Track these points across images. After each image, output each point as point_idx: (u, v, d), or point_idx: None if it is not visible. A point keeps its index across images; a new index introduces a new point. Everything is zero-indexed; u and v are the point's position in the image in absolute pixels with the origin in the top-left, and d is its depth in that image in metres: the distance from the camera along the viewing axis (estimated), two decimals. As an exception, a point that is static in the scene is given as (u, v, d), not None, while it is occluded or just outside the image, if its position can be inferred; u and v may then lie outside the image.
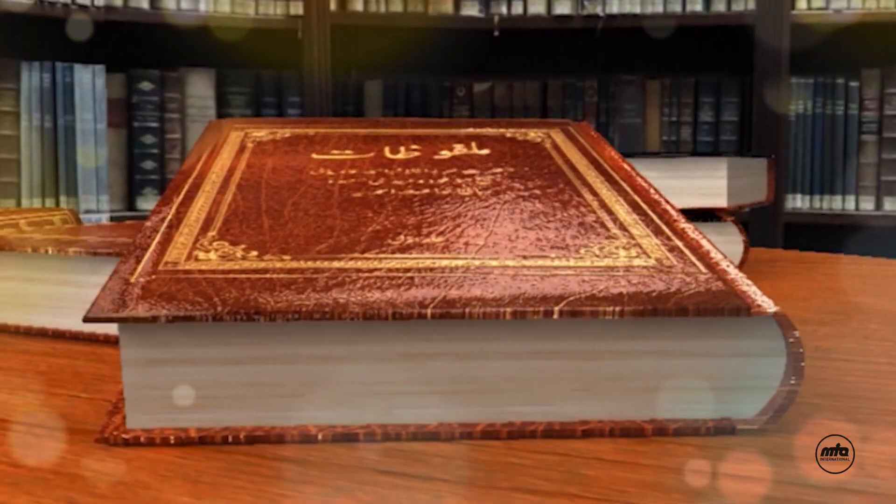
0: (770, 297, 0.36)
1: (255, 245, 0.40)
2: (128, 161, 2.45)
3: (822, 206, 2.56)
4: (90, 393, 0.42)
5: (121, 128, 2.39)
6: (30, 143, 2.28)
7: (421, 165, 0.51)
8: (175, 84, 2.37)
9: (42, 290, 0.55)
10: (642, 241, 0.41)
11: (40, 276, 0.55)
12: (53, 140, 2.31)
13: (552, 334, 0.36)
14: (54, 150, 2.33)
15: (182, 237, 0.41)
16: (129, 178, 2.46)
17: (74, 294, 0.54)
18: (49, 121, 2.29)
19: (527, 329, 0.35)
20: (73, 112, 2.30)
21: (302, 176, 0.49)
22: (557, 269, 0.38)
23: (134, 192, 3.09)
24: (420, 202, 0.45)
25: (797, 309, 0.65)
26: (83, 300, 0.53)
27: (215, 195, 0.46)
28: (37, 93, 2.26)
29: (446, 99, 2.48)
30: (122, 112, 2.38)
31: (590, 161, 0.52)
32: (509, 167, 0.51)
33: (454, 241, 0.40)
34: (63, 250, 0.53)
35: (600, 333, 0.36)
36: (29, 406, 0.40)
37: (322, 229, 0.42)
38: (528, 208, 0.45)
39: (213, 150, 0.53)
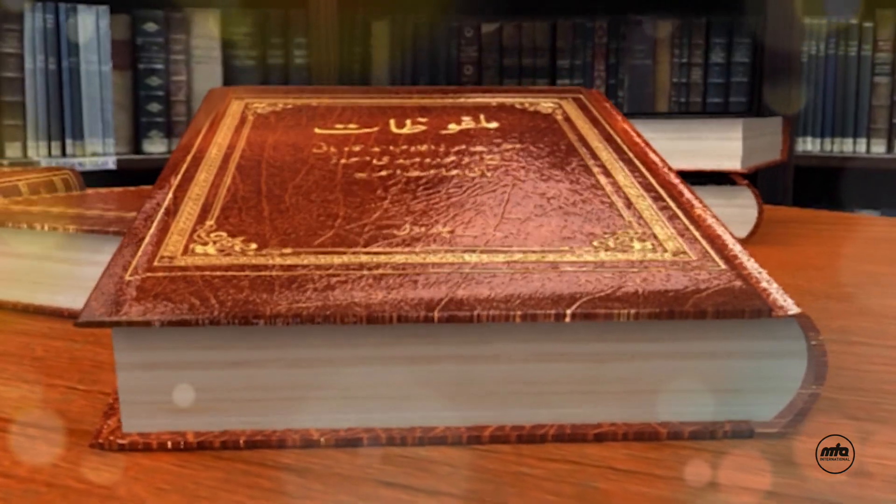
0: (784, 264, 0.35)
1: (255, 236, 0.38)
2: (133, 104, 2.42)
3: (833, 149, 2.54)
4: (87, 384, 0.41)
5: (126, 70, 2.36)
6: (34, 86, 2.26)
7: (427, 141, 0.49)
8: (180, 25, 2.34)
9: (39, 267, 0.54)
10: (657, 230, 0.39)
11: (37, 253, 0.54)
12: (58, 82, 2.29)
13: (564, 336, 0.34)
14: (59, 93, 2.31)
15: (179, 225, 0.39)
16: (135, 121, 2.44)
17: (72, 272, 0.53)
18: (53, 63, 2.27)
19: (537, 331, 0.34)
20: (78, 54, 2.27)
21: (304, 154, 0.47)
22: (569, 263, 0.36)
23: (140, 134, 3.07)
24: (426, 185, 0.44)
25: (811, 280, 0.64)
26: (81, 278, 0.52)
27: (213, 177, 0.44)
28: (40, 34, 2.23)
29: (454, 39, 2.44)
30: (127, 54, 2.35)
31: (602, 135, 0.50)
32: (519, 143, 0.49)
33: (461, 231, 0.39)
34: (61, 227, 0.52)
35: (614, 335, 0.34)
36: (24, 401, 0.39)
37: (324, 217, 0.40)
38: (539, 191, 0.43)
39: (213, 124, 0.51)
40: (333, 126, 0.52)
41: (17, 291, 0.54)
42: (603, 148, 0.49)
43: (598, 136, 0.50)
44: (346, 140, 0.50)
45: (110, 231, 0.50)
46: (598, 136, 0.50)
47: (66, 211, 0.56)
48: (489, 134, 0.51)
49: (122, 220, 0.53)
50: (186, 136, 0.50)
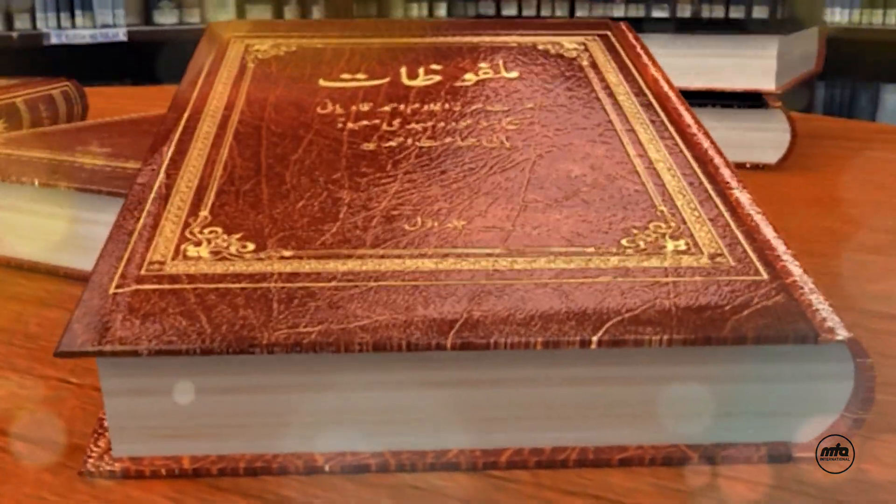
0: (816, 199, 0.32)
1: (252, 233, 0.35)
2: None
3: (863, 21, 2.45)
4: (80, 375, 0.39)
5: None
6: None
7: (441, 98, 0.46)
8: None
9: (32, 222, 0.51)
10: (692, 222, 0.36)
11: (28, 207, 0.51)
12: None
13: (588, 359, 0.31)
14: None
15: (171, 215, 0.36)
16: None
17: (67, 229, 0.50)
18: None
19: (560, 354, 0.31)
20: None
21: (308, 116, 0.44)
22: (596, 271, 0.33)
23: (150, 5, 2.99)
24: (439, 159, 0.40)
25: (847, 221, 0.60)
26: (76, 237, 0.49)
27: (209, 149, 0.41)
28: None
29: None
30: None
31: (631, 88, 0.46)
32: (541, 99, 0.45)
33: (477, 225, 0.36)
34: (52, 183, 0.49)
35: (643, 357, 0.31)
36: (11, 399, 0.37)
37: (328, 204, 0.37)
38: (562, 168, 0.40)
39: (211, 72, 0.47)
40: (340, 77, 0.48)
41: (13, 246, 0.52)
42: (632, 105, 0.45)
43: (627, 90, 0.46)
44: (354, 96, 0.46)
45: (105, 191, 0.47)
46: (628, 89, 0.46)
47: (59, 158, 0.53)
48: (508, 88, 0.47)
49: (119, 174, 0.49)
50: (183, 85, 0.46)
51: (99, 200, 0.48)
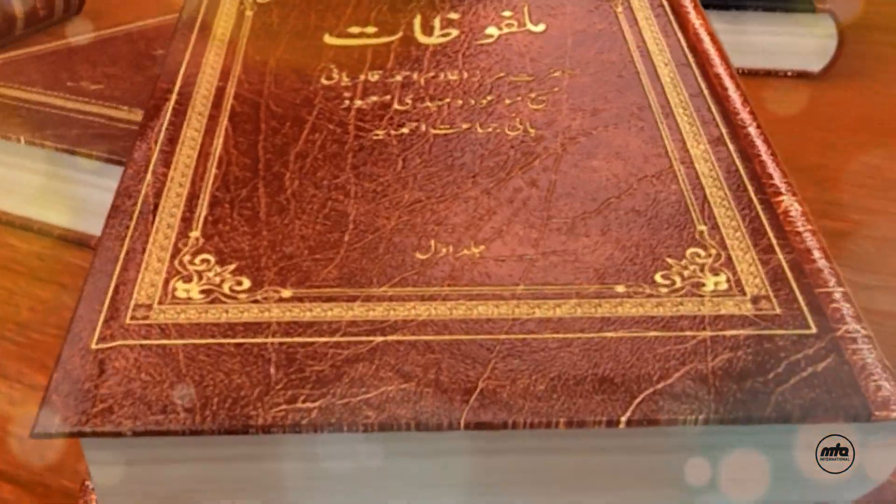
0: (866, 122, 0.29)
1: (248, 263, 0.32)
2: None
3: None
4: (72, 386, 0.36)
5: None
6: None
7: (459, 63, 0.41)
8: None
9: (20, 177, 0.47)
10: (734, 247, 0.33)
11: (15, 161, 0.47)
12: None
13: (616, 432, 0.29)
14: None
15: (160, 236, 0.33)
16: None
17: (58, 188, 0.46)
18: None
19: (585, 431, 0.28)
20: None
21: (311, 90, 0.40)
22: (626, 322, 0.30)
23: None
24: (455, 154, 0.36)
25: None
26: (68, 196, 0.46)
27: (202, 137, 0.37)
28: None
29: None
30: None
31: (670, 49, 0.42)
32: (569, 63, 0.41)
33: (496, 253, 0.32)
34: (38, 142, 0.45)
35: (675, 431, 0.29)
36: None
37: (331, 221, 0.33)
38: (591, 171, 0.36)
39: (205, 24, 0.43)
40: (347, 32, 0.43)
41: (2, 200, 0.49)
42: (670, 73, 0.40)
43: (665, 51, 0.42)
44: (362, 59, 0.42)
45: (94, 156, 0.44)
46: (665, 49, 0.42)
47: (48, 102, 0.49)
48: (533, 48, 0.42)
49: (109, 131, 0.46)
50: (175, 41, 0.42)
51: (88, 163, 0.44)
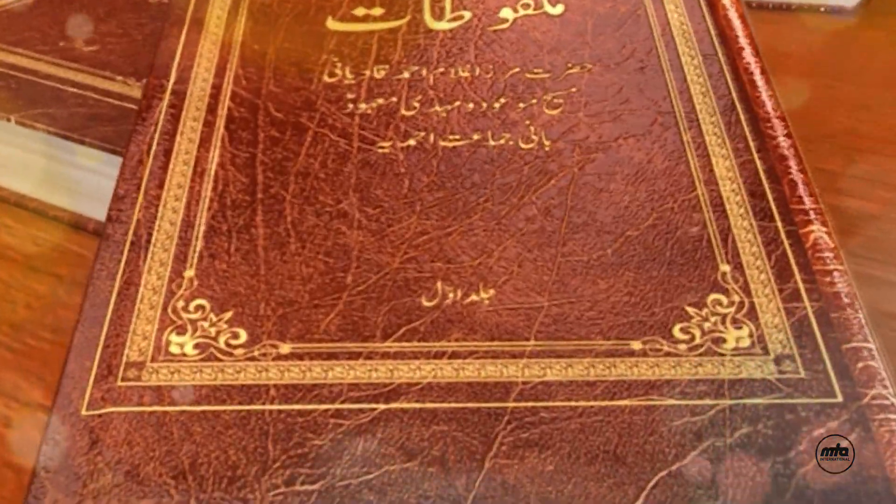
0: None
1: (245, 310, 0.30)
2: None
3: None
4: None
5: None
6: None
7: (471, 55, 0.39)
8: None
9: (11, 154, 0.46)
10: (758, 291, 0.31)
11: (9, 139, 0.45)
12: None
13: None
14: None
15: (153, 275, 0.31)
16: None
17: (54, 168, 0.45)
18: None
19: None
20: None
21: (312, 89, 0.37)
22: (641, 386, 0.28)
23: None
24: (465, 174, 0.34)
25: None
26: (62, 177, 0.44)
27: (198, 149, 0.35)
28: None
29: None
30: None
31: (698, 42, 0.39)
32: (588, 55, 0.38)
33: (506, 299, 0.31)
34: (29, 123, 0.43)
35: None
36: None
37: (333, 257, 0.32)
38: (609, 195, 0.34)
39: (199, 7, 0.40)
40: (352, 14, 0.41)
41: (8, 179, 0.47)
42: (696, 69, 0.38)
43: (694, 44, 0.39)
44: (367, 49, 0.39)
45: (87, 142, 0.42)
46: (694, 42, 0.39)
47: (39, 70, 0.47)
48: (551, 36, 0.39)
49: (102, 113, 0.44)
50: (169, 27, 0.40)
51: (82, 147, 0.42)
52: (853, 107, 0.55)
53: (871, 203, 0.48)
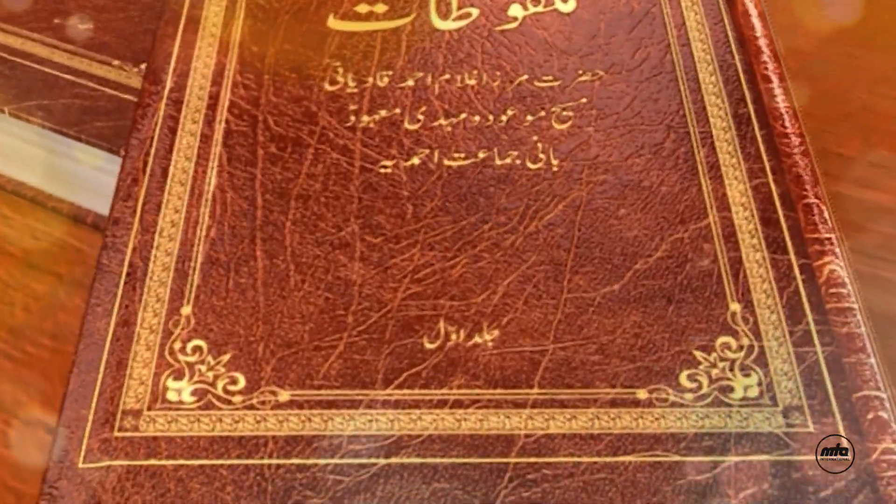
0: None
1: (243, 353, 0.30)
2: None
3: None
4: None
5: None
6: None
7: (478, 60, 0.37)
8: None
9: (9, 142, 0.45)
10: (769, 334, 0.30)
11: (4, 127, 0.44)
12: None
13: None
14: None
15: (149, 312, 0.30)
16: None
17: (50, 160, 0.44)
18: None
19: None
20: None
21: (313, 99, 0.36)
22: (645, 440, 0.28)
23: None
24: (469, 197, 0.33)
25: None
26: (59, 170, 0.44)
27: (194, 169, 0.34)
28: None
29: None
30: None
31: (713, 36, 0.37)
32: (600, 62, 0.37)
33: (510, 341, 0.30)
34: (23, 115, 0.42)
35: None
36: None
37: (335, 291, 0.31)
38: (617, 223, 0.33)
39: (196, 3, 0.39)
40: (354, 11, 0.39)
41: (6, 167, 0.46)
42: (712, 78, 0.36)
43: (710, 47, 0.37)
44: (370, 52, 0.37)
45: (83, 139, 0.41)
46: (710, 45, 0.37)
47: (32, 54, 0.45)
48: (561, 37, 0.38)
49: (98, 106, 0.42)
50: (162, 26, 0.38)
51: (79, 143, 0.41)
52: (874, 79, 0.53)
53: (888, 195, 0.47)
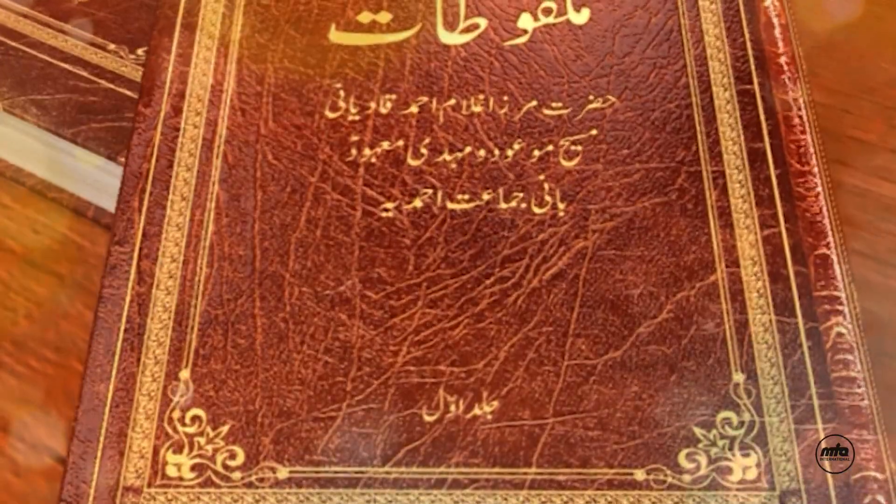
0: None
1: (242, 424, 0.30)
2: None
3: None
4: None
5: None
6: None
7: (485, 82, 0.36)
8: None
9: (9, 134, 0.44)
10: (770, 409, 0.30)
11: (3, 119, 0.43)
12: None
13: None
14: None
15: (146, 382, 0.30)
16: None
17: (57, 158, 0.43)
18: None
19: None
20: None
21: (313, 129, 0.35)
22: (642, 528, 0.28)
23: None
24: (472, 245, 0.33)
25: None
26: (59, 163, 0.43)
27: (191, 212, 0.33)
28: None
29: None
30: None
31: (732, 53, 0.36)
32: (613, 91, 0.35)
33: (508, 413, 0.30)
34: (18, 113, 0.41)
35: None
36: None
37: (335, 355, 0.31)
38: (624, 275, 0.32)
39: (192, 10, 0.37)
40: (357, 21, 0.37)
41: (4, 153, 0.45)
42: (728, 106, 0.35)
43: (729, 69, 0.36)
44: (373, 71, 0.36)
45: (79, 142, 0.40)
46: (729, 66, 0.36)
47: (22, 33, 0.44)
48: (572, 54, 0.36)
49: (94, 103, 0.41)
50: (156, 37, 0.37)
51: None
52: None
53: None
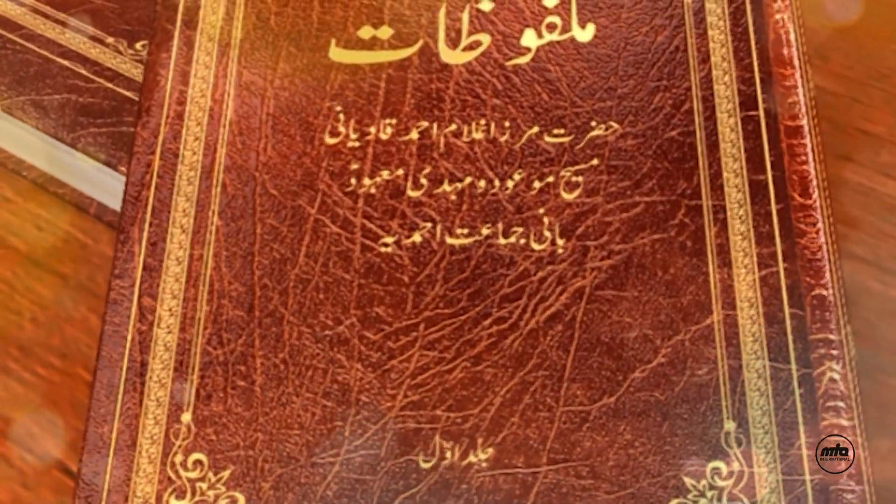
0: None
1: (242, 469, 0.31)
2: None
3: None
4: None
5: None
6: None
7: (487, 109, 0.35)
8: None
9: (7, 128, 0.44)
10: (759, 464, 0.30)
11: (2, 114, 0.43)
12: None
13: None
14: None
15: (149, 424, 0.31)
16: None
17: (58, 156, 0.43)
18: None
19: None
20: None
21: (312, 158, 0.35)
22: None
23: None
24: (470, 283, 0.33)
25: None
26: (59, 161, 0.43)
27: (191, 244, 0.33)
28: None
29: None
30: None
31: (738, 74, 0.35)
32: (615, 117, 0.35)
33: (502, 460, 0.31)
34: (16, 114, 0.41)
35: None
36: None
37: (333, 398, 0.31)
38: (620, 316, 0.32)
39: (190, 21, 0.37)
40: (358, 37, 0.37)
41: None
42: (732, 135, 0.35)
43: (734, 94, 0.35)
44: (373, 95, 0.36)
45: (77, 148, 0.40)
46: (734, 92, 0.35)
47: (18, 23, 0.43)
48: (575, 75, 0.36)
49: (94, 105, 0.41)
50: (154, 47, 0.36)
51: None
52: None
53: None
